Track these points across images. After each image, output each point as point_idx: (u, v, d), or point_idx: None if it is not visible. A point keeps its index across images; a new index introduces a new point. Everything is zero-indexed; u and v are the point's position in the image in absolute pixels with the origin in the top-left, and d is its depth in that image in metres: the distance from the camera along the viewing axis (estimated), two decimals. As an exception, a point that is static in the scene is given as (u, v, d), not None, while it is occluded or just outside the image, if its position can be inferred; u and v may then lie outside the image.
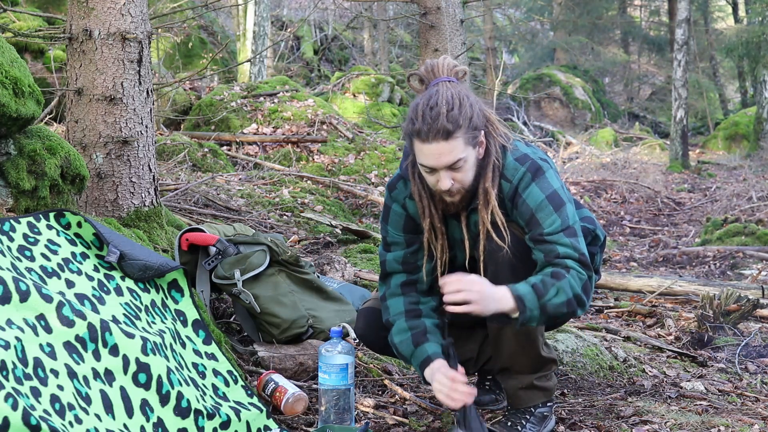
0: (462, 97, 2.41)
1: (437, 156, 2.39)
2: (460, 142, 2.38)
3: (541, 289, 2.39)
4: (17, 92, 2.88)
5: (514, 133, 2.64)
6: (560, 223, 2.44)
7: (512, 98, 16.51)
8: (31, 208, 2.99)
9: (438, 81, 2.45)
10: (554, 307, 2.40)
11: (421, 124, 2.38)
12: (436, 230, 2.56)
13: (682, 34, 14.16)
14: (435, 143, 2.37)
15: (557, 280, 2.40)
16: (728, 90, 23.65)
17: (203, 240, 3.26)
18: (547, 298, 2.39)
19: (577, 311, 2.45)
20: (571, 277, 2.41)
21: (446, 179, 2.43)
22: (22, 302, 2.21)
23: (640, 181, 11.51)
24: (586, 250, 2.49)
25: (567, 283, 2.40)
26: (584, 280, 2.43)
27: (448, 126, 2.36)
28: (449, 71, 2.48)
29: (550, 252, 2.44)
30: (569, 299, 2.40)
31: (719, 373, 3.58)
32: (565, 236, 2.44)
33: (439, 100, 2.39)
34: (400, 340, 2.59)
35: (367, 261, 4.88)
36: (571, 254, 2.43)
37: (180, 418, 2.38)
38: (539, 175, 2.47)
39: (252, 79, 12.78)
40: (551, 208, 2.45)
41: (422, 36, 5.33)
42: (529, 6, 20.94)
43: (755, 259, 7.23)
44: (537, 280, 2.41)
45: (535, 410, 2.62)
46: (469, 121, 2.39)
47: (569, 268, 2.42)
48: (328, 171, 8.20)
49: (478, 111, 2.44)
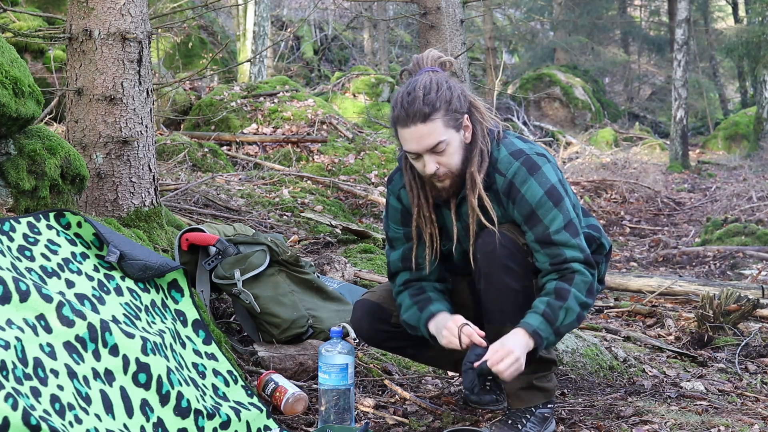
0: (440, 81, 2.45)
1: (417, 139, 2.43)
2: (438, 123, 2.42)
3: (551, 315, 2.44)
4: (17, 92, 2.88)
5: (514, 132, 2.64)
6: (562, 218, 2.47)
7: (512, 98, 16.51)
8: (31, 208, 2.99)
9: (422, 72, 2.50)
10: (567, 327, 2.47)
11: (399, 110, 2.43)
12: (425, 219, 2.58)
13: (682, 34, 14.16)
14: (413, 126, 2.42)
15: (563, 300, 2.44)
16: (728, 90, 23.66)
17: (203, 240, 3.26)
18: (558, 323, 2.44)
19: (585, 315, 2.50)
20: (575, 288, 2.45)
21: (431, 163, 2.45)
22: (22, 302, 2.21)
23: (640, 181, 11.50)
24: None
25: (573, 300, 2.44)
26: (588, 282, 2.48)
27: (424, 109, 2.40)
28: (433, 62, 2.53)
29: (557, 256, 2.46)
30: (578, 314, 2.47)
31: (719, 373, 3.58)
32: (571, 236, 2.47)
33: (417, 86, 2.44)
34: (408, 315, 2.63)
35: (367, 261, 4.87)
36: (578, 257, 2.47)
37: (180, 418, 2.38)
38: (535, 169, 2.48)
39: (252, 79, 12.78)
40: (551, 204, 2.47)
41: (422, 36, 5.33)
42: (529, 6, 20.93)
43: (755, 259, 7.23)
44: (544, 305, 2.44)
45: (536, 410, 2.62)
46: (447, 103, 2.43)
47: (575, 273, 2.45)
48: (328, 171, 8.20)
49: (459, 95, 2.47)
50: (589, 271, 2.48)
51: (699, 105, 19.88)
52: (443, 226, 2.62)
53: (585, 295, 2.46)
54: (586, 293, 2.47)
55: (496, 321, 2.55)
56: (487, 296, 2.55)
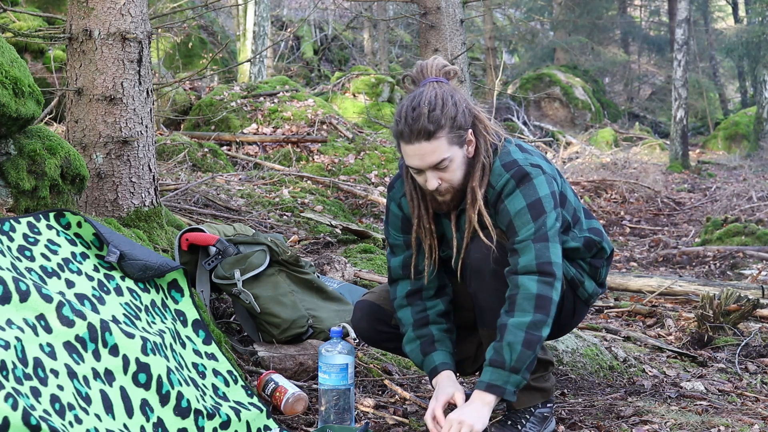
0: (446, 96, 2.42)
1: (421, 156, 2.41)
2: (443, 141, 2.40)
3: (498, 360, 2.38)
4: (17, 92, 2.88)
5: (514, 133, 2.64)
6: (534, 230, 2.41)
7: (512, 98, 16.50)
8: (31, 208, 2.99)
9: (426, 81, 2.47)
10: (521, 360, 2.37)
11: (404, 126, 2.40)
12: (425, 230, 2.58)
13: (682, 34, 14.16)
14: (417, 144, 2.39)
15: (503, 336, 2.38)
16: (728, 90, 23.66)
17: (203, 240, 3.26)
18: (509, 363, 2.37)
19: (542, 331, 2.39)
20: (516, 315, 2.37)
21: (433, 179, 2.44)
22: (22, 302, 2.21)
23: (640, 181, 11.50)
24: (560, 257, 2.44)
25: (513, 330, 2.37)
26: (532, 296, 2.37)
27: (429, 127, 2.38)
28: (438, 71, 2.49)
29: (513, 265, 2.43)
30: (526, 338, 2.36)
31: (719, 373, 3.58)
32: (533, 243, 2.41)
33: (422, 100, 2.40)
34: (410, 350, 2.65)
35: (367, 261, 4.87)
36: (529, 265, 2.39)
37: (180, 418, 2.38)
38: (525, 181, 2.45)
39: (252, 79, 12.78)
40: (529, 216, 2.43)
41: (422, 36, 5.33)
42: (529, 6, 20.93)
43: (755, 259, 7.23)
44: (490, 353, 2.40)
45: (535, 410, 2.62)
46: (452, 120, 2.40)
47: (517, 289, 2.38)
48: (328, 171, 8.20)
49: (464, 110, 2.44)
50: (540, 280, 2.39)
51: (699, 105, 19.89)
52: (443, 234, 2.62)
53: (533, 311, 2.37)
54: (535, 309, 2.37)
55: (488, 325, 2.56)
56: (478, 300, 2.56)
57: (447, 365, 2.60)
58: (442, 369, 2.59)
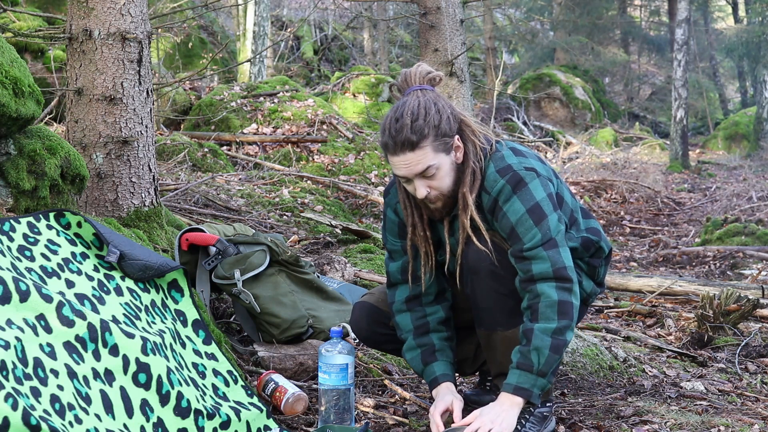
0: (428, 105, 2.42)
1: (406, 166, 2.42)
2: (428, 150, 2.40)
3: (525, 363, 2.42)
4: (17, 92, 2.88)
5: (514, 133, 2.64)
6: (540, 237, 2.43)
7: (512, 98, 16.50)
8: (31, 208, 2.99)
9: (410, 90, 2.47)
10: (548, 364, 2.42)
11: (388, 138, 2.41)
12: (420, 237, 2.59)
13: (682, 34, 14.16)
14: (402, 155, 2.40)
15: (529, 341, 2.41)
16: (728, 90, 23.67)
17: (203, 240, 3.26)
18: (536, 367, 2.41)
19: (566, 335, 2.43)
20: (541, 321, 2.40)
21: (422, 188, 2.45)
22: (22, 302, 2.21)
23: (640, 181, 11.50)
24: (571, 260, 2.47)
25: (539, 337, 2.40)
26: (554, 302, 2.41)
27: (412, 137, 2.38)
28: (422, 79, 2.49)
29: (526, 272, 2.44)
30: (552, 345, 2.40)
31: (719, 373, 3.58)
32: (544, 250, 2.42)
33: (405, 111, 2.41)
34: (411, 358, 2.67)
35: (367, 261, 4.88)
36: (545, 272, 2.42)
37: (180, 418, 2.38)
38: (521, 187, 2.45)
39: (252, 79, 12.78)
40: (531, 222, 2.43)
41: (422, 36, 5.33)
42: (529, 6, 20.92)
43: (755, 259, 7.23)
44: (517, 356, 2.43)
45: (535, 410, 2.62)
46: (436, 128, 2.40)
47: (538, 298, 2.41)
48: (328, 171, 8.20)
49: (448, 116, 2.44)
50: (559, 286, 2.42)
51: (699, 105, 19.89)
52: (439, 239, 2.63)
53: (557, 318, 2.40)
54: (559, 315, 2.41)
55: (485, 325, 2.57)
56: (475, 301, 2.56)
57: (447, 377, 2.62)
58: (443, 380, 2.61)
